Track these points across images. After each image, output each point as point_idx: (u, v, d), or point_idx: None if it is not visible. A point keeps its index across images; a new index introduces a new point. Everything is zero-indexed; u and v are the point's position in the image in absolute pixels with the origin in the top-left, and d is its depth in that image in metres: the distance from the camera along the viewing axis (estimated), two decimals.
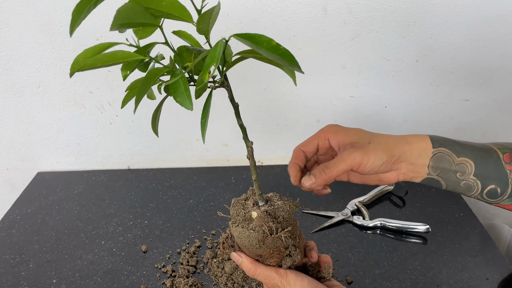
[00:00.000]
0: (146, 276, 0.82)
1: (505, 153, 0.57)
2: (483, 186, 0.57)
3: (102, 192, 1.06)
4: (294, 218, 0.56)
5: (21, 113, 1.05)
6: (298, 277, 0.54)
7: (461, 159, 0.56)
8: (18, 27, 0.94)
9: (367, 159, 0.54)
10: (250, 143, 0.53)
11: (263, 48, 0.38)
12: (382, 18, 0.94)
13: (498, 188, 0.57)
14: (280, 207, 0.55)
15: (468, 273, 0.81)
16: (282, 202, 0.56)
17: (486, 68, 1.01)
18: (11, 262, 0.85)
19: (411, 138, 0.57)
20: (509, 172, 0.57)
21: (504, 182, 0.57)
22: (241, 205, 0.57)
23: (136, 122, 1.08)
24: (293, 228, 0.54)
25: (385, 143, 0.56)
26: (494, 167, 0.57)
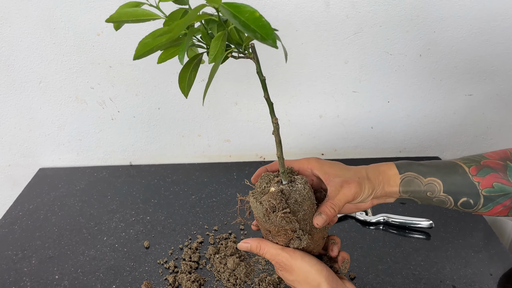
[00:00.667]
0: (148, 272, 0.82)
1: (471, 166, 0.61)
2: (455, 200, 0.60)
3: (104, 188, 1.06)
4: (310, 204, 0.56)
5: (22, 109, 1.05)
6: (305, 256, 0.55)
7: (429, 179, 0.60)
8: (19, 22, 0.93)
9: (361, 191, 0.58)
10: (275, 119, 0.54)
11: (243, 18, 0.37)
12: (385, 12, 0.93)
13: (470, 200, 0.60)
14: (298, 190, 0.55)
15: (472, 268, 0.81)
16: (304, 186, 0.55)
17: (490, 62, 1.00)
18: (14, 258, 0.85)
19: (381, 168, 0.62)
20: (478, 184, 0.59)
21: (475, 194, 0.59)
22: (268, 179, 0.58)
23: (138, 118, 1.08)
24: (303, 213, 0.54)
25: (368, 178, 0.59)
26: (462, 182, 0.60)
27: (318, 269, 0.54)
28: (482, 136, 1.12)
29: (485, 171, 0.60)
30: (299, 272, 0.54)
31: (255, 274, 0.80)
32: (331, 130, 1.11)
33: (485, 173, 0.59)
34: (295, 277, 0.55)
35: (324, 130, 1.11)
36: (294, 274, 0.55)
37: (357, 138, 1.13)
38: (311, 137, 1.12)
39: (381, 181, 0.60)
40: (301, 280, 0.54)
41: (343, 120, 1.09)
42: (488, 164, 0.60)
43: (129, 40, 0.96)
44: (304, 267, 0.54)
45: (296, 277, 0.55)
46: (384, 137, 1.12)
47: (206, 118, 1.09)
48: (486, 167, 0.60)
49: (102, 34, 0.95)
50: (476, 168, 0.60)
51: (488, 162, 0.61)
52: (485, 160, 0.61)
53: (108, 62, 0.99)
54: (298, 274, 0.54)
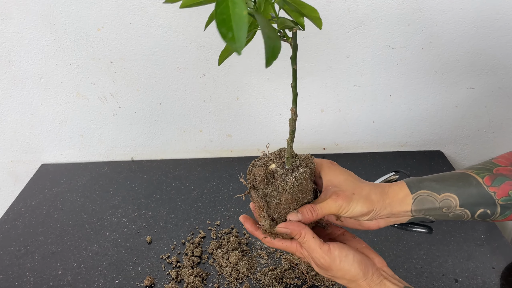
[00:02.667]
0: (151, 267, 0.82)
1: (484, 176, 0.59)
2: (472, 212, 0.59)
3: (106, 183, 1.06)
4: (290, 198, 0.55)
5: (23, 105, 1.05)
6: (342, 253, 0.54)
7: (444, 195, 0.58)
8: (19, 18, 0.93)
9: (347, 207, 0.56)
10: (294, 109, 0.57)
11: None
12: (387, 5, 0.93)
13: (487, 211, 0.58)
14: (286, 180, 0.55)
15: (474, 262, 0.81)
16: (296, 179, 0.55)
17: (492, 55, 0.99)
18: (16, 254, 0.86)
19: (390, 188, 0.59)
20: (494, 194, 0.58)
21: (491, 204, 0.58)
22: (279, 155, 0.60)
23: (139, 113, 1.08)
24: (277, 202, 0.55)
25: (366, 196, 0.57)
26: (478, 194, 0.58)
27: (356, 266, 0.54)
28: (484, 130, 1.11)
29: (499, 180, 0.58)
30: (337, 271, 0.54)
31: (257, 268, 0.80)
32: (332, 124, 1.11)
33: (500, 182, 0.58)
34: (333, 274, 0.55)
35: (325, 124, 1.11)
36: (332, 272, 0.55)
37: (359, 132, 1.12)
38: (313, 131, 1.12)
39: (387, 204, 0.58)
40: (339, 276, 0.55)
41: (344, 114, 1.09)
42: (502, 172, 0.59)
43: (129, 35, 0.95)
44: (344, 267, 0.54)
45: (334, 273, 0.55)
46: (386, 131, 1.12)
47: (208, 113, 1.09)
48: (500, 176, 0.59)
49: (102, 29, 0.95)
50: (490, 178, 0.59)
51: (501, 170, 0.60)
52: (498, 168, 0.60)
53: (109, 57, 0.99)
54: (337, 272, 0.54)
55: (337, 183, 0.58)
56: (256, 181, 0.56)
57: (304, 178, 0.56)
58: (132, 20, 0.93)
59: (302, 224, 0.55)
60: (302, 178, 0.55)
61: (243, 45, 0.34)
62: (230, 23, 0.34)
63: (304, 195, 0.57)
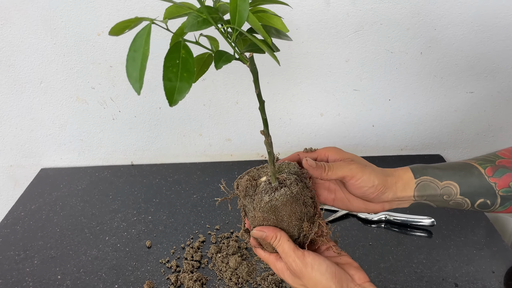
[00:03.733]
0: (150, 271, 0.82)
1: (486, 167, 0.60)
2: (472, 201, 0.60)
3: (105, 188, 1.06)
4: (262, 216, 0.55)
5: (23, 109, 1.05)
6: (316, 262, 0.53)
7: (445, 182, 0.60)
8: (19, 23, 0.93)
9: (361, 174, 0.57)
10: (269, 139, 0.55)
11: None
12: (386, 9, 0.93)
13: (487, 201, 0.60)
14: (259, 199, 0.55)
15: (474, 266, 0.81)
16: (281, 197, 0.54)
17: (491, 59, 1.00)
18: (16, 258, 0.86)
19: (396, 172, 0.61)
20: (494, 185, 0.59)
21: (491, 194, 0.59)
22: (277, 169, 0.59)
23: (139, 118, 1.08)
24: (252, 217, 0.56)
25: (379, 171, 0.59)
26: (479, 184, 0.59)
27: (328, 277, 0.52)
28: (483, 134, 1.11)
29: (501, 172, 0.59)
30: (308, 280, 0.53)
31: (257, 273, 0.80)
32: (332, 128, 1.11)
33: (501, 174, 0.59)
34: (304, 283, 0.54)
35: (325, 128, 1.11)
36: (303, 280, 0.53)
37: (358, 136, 1.13)
38: (312, 135, 1.12)
39: (393, 184, 0.59)
40: (311, 286, 0.53)
41: (344, 118, 1.09)
42: (504, 164, 0.60)
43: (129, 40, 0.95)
44: (315, 276, 0.52)
45: (306, 283, 0.53)
46: (385, 135, 1.12)
47: (207, 117, 1.09)
48: (502, 167, 0.60)
49: (102, 34, 0.95)
50: (492, 169, 0.60)
51: (504, 162, 0.60)
52: (500, 160, 0.61)
53: (109, 62, 0.99)
54: (308, 281, 0.53)
55: (349, 156, 0.60)
56: (237, 189, 0.57)
57: (282, 201, 0.54)
58: None
59: (277, 228, 0.55)
60: (279, 200, 0.53)
61: (140, 87, 0.38)
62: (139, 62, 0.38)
63: (278, 218, 0.55)
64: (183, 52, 0.41)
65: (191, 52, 0.41)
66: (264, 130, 0.55)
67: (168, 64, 0.40)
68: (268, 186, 0.55)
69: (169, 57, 0.41)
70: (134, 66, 0.39)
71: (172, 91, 0.39)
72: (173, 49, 0.41)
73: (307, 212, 0.56)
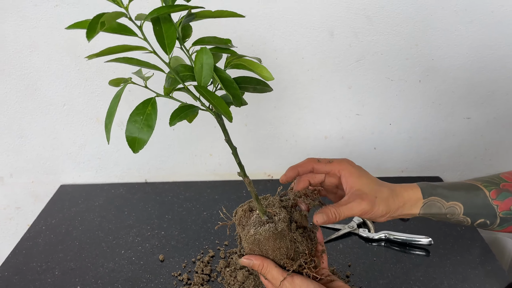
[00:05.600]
0: (163, 283, 0.87)
1: (491, 190, 0.64)
2: (473, 220, 0.64)
3: (121, 204, 1.12)
4: (249, 246, 0.59)
5: (47, 129, 1.12)
6: (304, 282, 0.57)
7: (451, 203, 0.63)
8: (46, 50, 1.01)
9: (371, 210, 0.60)
10: (247, 180, 0.62)
11: None
12: (386, 41, 1.00)
13: (487, 221, 0.64)
14: (247, 233, 0.60)
15: (469, 284, 0.85)
16: (263, 232, 0.58)
17: (486, 88, 1.06)
18: (38, 269, 0.92)
19: (405, 192, 0.64)
20: (496, 207, 0.63)
21: (492, 215, 0.63)
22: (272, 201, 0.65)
23: (153, 138, 1.14)
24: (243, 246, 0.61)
25: (386, 199, 0.62)
26: (482, 205, 0.63)
27: None
28: (481, 157, 1.17)
29: (504, 195, 0.63)
30: None
31: (263, 286, 0.85)
32: (336, 150, 1.17)
33: (504, 197, 0.63)
34: None
35: (329, 150, 1.17)
36: None
37: (361, 158, 1.18)
38: (317, 157, 1.18)
39: (400, 206, 0.63)
40: None
41: (347, 141, 1.15)
42: (507, 188, 0.64)
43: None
44: None
45: None
46: (387, 158, 1.18)
47: (217, 138, 1.15)
48: (505, 191, 0.63)
49: None
50: (496, 192, 0.63)
51: (507, 185, 0.64)
52: (504, 183, 0.64)
53: (127, 87, 1.05)
54: None
55: (360, 186, 0.62)
56: (234, 216, 0.63)
57: (264, 236, 0.58)
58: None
59: (263, 257, 0.58)
60: (262, 235, 0.58)
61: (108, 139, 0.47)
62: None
63: (263, 251, 0.58)
64: (149, 109, 0.47)
65: (156, 109, 0.47)
66: (240, 172, 0.60)
67: (132, 119, 0.46)
68: (257, 219, 0.60)
69: (134, 112, 0.47)
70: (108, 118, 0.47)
71: (133, 142, 0.46)
72: (140, 106, 0.47)
73: (295, 249, 0.59)
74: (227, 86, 0.49)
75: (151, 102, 0.47)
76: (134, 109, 0.47)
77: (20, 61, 1.02)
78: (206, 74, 0.47)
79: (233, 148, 0.57)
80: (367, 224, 1.00)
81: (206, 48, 0.48)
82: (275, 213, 0.60)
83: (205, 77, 0.47)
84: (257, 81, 0.54)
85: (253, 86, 0.54)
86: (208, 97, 0.48)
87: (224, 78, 0.49)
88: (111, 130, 0.48)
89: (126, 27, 0.46)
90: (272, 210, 0.61)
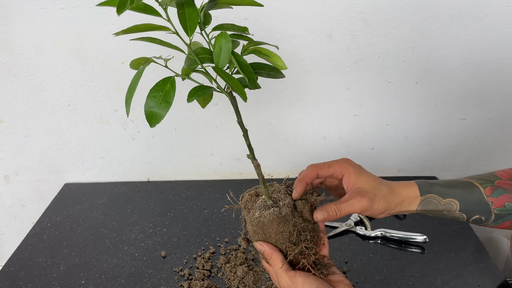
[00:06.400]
0: (165, 279, 0.90)
1: (486, 187, 0.66)
2: (468, 217, 0.66)
3: (124, 202, 1.15)
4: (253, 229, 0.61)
5: (52, 129, 1.15)
6: (306, 280, 0.58)
7: (447, 200, 0.65)
8: (52, 52, 1.04)
9: (371, 207, 0.63)
10: (255, 162, 0.64)
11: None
12: (383, 44, 1.02)
13: (482, 217, 0.66)
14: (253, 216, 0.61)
15: (462, 280, 0.87)
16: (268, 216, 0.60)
17: (481, 89, 1.08)
18: (44, 265, 0.94)
19: (403, 190, 0.66)
20: (491, 203, 0.65)
21: (487, 212, 0.66)
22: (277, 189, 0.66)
23: (156, 138, 1.17)
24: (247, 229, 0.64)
25: (385, 197, 0.64)
26: (477, 202, 0.65)
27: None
28: (476, 158, 1.19)
29: (498, 192, 0.65)
30: None
31: (262, 281, 0.88)
32: (334, 150, 1.19)
33: (499, 194, 0.65)
34: None
35: (327, 150, 1.20)
36: None
37: (359, 158, 1.20)
38: (316, 156, 1.21)
39: (399, 203, 0.65)
40: None
41: (345, 141, 1.18)
42: (502, 186, 0.66)
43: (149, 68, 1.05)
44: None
45: None
46: (384, 158, 1.20)
47: (219, 138, 1.18)
48: (500, 188, 0.66)
49: (126, 62, 1.05)
50: (491, 189, 0.66)
51: (502, 183, 0.67)
52: (499, 181, 0.67)
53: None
54: None
55: (360, 184, 0.64)
56: (240, 201, 0.65)
57: (268, 219, 0.60)
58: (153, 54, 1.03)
59: (275, 248, 0.60)
60: (267, 218, 0.60)
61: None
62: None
63: (266, 234, 0.60)
64: (168, 86, 0.50)
65: (174, 87, 0.49)
66: (250, 154, 0.62)
67: (152, 95, 0.49)
68: (263, 203, 0.62)
69: (154, 89, 0.50)
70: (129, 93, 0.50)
71: (151, 116, 0.49)
72: (160, 83, 0.50)
73: (297, 234, 0.60)
74: (244, 70, 0.52)
75: (170, 80, 0.50)
76: (154, 85, 0.50)
77: (27, 63, 1.05)
78: (224, 57, 0.50)
79: (244, 131, 0.60)
80: (364, 222, 1.03)
81: (226, 32, 0.51)
82: (280, 199, 0.62)
83: (222, 60, 0.50)
84: (271, 68, 0.57)
85: (267, 72, 0.57)
86: (225, 78, 0.50)
87: (241, 62, 0.52)
88: (130, 104, 0.52)
89: (151, 7, 0.49)
90: (278, 195, 0.63)
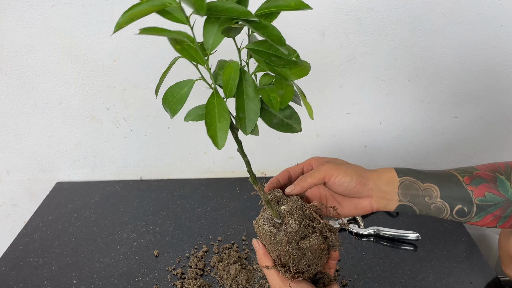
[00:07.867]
0: (158, 278, 0.89)
1: (464, 176, 0.66)
2: (451, 207, 0.66)
3: (116, 201, 1.14)
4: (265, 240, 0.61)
5: (43, 127, 1.14)
6: (298, 285, 0.59)
7: (426, 184, 0.65)
8: (43, 50, 1.03)
9: (337, 172, 0.63)
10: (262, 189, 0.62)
11: None
12: (376, 42, 1.02)
13: (465, 208, 0.65)
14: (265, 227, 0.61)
15: (454, 277, 0.88)
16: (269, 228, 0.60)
17: (474, 88, 1.08)
18: (35, 264, 0.94)
19: (378, 169, 0.68)
20: (471, 192, 0.65)
21: (468, 202, 0.65)
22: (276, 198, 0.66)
23: (149, 137, 1.17)
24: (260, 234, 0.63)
25: (355, 168, 0.66)
26: (457, 189, 0.65)
27: None
28: (468, 155, 1.20)
29: (477, 181, 0.65)
30: None
31: (255, 280, 0.88)
32: (327, 148, 1.19)
33: (478, 183, 0.65)
34: None
35: (321, 148, 1.20)
36: None
37: (352, 156, 1.21)
38: (309, 154, 1.21)
39: (375, 176, 0.65)
40: None
41: (338, 139, 1.18)
42: (480, 175, 0.66)
43: (142, 66, 1.05)
44: None
45: None
46: (377, 155, 1.21)
47: None
48: (478, 178, 0.66)
49: (118, 60, 1.04)
50: (469, 178, 0.66)
51: (480, 173, 0.67)
52: (477, 172, 0.67)
53: (123, 85, 1.08)
54: None
55: (327, 160, 0.68)
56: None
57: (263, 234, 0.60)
58: (146, 52, 1.03)
59: (265, 251, 0.62)
60: (262, 232, 0.61)
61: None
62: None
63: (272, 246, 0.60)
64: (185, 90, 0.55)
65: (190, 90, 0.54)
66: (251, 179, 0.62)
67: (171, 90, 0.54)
68: (271, 215, 0.62)
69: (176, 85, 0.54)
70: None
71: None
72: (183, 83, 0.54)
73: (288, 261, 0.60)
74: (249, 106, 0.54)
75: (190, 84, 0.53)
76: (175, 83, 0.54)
77: (17, 60, 1.04)
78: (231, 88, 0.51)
79: (246, 161, 0.61)
80: (357, 220, 1.03)
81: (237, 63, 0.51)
82: (288, 222, 0.59)
83: (230, 91, 0.51)
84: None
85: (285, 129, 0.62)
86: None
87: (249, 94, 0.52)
88: (159, 89, 0.55)
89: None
90: (287, 217, 0.59)
